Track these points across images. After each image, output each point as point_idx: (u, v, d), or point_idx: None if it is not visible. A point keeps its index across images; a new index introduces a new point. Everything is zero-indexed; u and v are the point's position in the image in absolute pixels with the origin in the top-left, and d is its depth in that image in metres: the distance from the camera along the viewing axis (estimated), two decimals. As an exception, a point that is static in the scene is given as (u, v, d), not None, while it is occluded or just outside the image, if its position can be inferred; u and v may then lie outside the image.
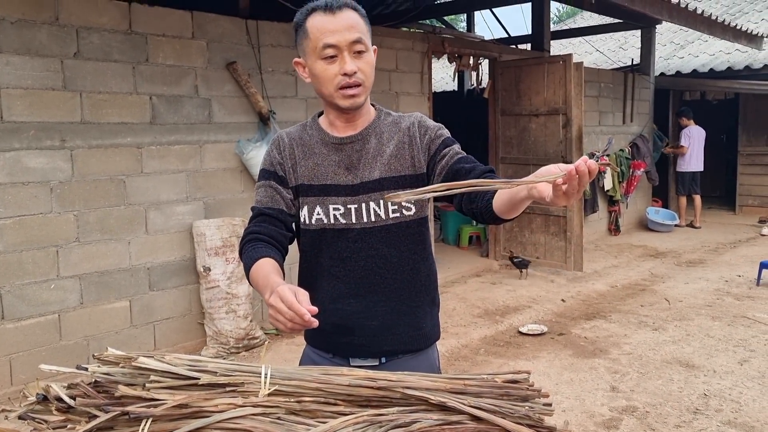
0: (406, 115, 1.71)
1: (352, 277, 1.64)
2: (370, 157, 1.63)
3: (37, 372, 3.92)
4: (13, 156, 3.84)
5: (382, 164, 1.63)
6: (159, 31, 4.42)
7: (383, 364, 1.67)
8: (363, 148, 1.64)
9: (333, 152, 1.64)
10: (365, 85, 1.56)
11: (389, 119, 1.69)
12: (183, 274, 4.65)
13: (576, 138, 6.70)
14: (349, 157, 1.64)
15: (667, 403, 3.73)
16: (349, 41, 1.51)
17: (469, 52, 7.22)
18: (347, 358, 1.69)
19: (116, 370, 1.17)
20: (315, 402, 1.16)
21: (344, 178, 1.62)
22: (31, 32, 3.86)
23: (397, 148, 1.64)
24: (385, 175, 1.62)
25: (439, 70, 13.28)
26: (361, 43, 1.53)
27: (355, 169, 1.63)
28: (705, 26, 7.86)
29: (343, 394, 1.17)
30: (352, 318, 1.65)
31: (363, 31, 1.54)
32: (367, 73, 1.56)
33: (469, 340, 4.95)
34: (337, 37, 1.50)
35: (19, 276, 3.91)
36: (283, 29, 5.14)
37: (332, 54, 1.52)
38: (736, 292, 6.12)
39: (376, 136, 1.65)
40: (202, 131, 4.69)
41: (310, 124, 1.70)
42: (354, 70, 1.52)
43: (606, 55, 12.28)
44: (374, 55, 1.62)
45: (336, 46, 1.51)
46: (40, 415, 1.18)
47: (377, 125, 1.66)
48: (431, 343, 1.76)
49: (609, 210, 9.20)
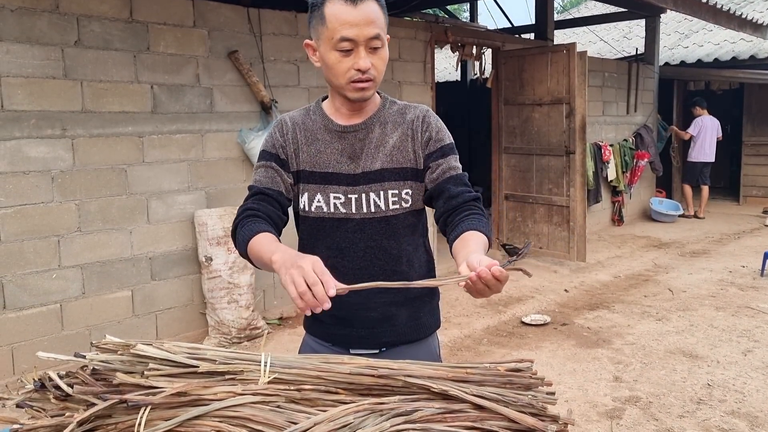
0: (413, 106, 1.68)
1: (350, 268, 1.62)
2: (372, 147, 1.61)
3: (39, 361, 3.92)
4: (14, 145, 3.82)
5: (384, 155, 1.60)
6: (160, 19, 4.39)
7: (383, 353, 1.67)
8: (366, 137, 1.61)
9: (336, 140, 1.61)
10: (376, 81, 1.54)
11: (394, 108, 1.66)
12: (185, 264, 4.64)
13: (579, 128, 6.66)
14: (351, 145, 1.61)
15: (671, 393, 3.72)
16: (368, 37, 1.46)
17: (472, 42, 7.17)
18: (347, 347, 1.68)
19: (114, 357, 1.16)
20: (315, 390, 1.15)
21: (346, 167, 1.60)
22: (32, 20, 3.84)
23: (401, 139, 1.62)
24: (387, 166, 1.60)
25: (442, 59, 13.22)
26: (379, 39, 1.48)
27: (357, 158, 1.60)
28: (710, 15, 7.80)
29: (344, 383, 1.15)
30: (350, 309, 1.63)
31: (382, 26, 1.49)
32: (380, 69, 1.53)
33: (472, 330, 4.94)
34: (355, 32, 1.45)
35: (21, 265, 3.91)
36: (285, 18, 5.11)
37: (348, 48, 1.47)
38: (740, 283, 6.09)
39: (380, 125, 1.62)
40: (203, 120, 4.67)
41: (314, 109, 1.67)
42: (368, 67, 1.48)
43: (610, 44, 12.21)
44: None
45: (354, 40, 1.46)
46: (38, 403, 1.17)
47: (382, 114, 1.64)
48: (430, 333, 1.76)
49: (612, 200, 9.17)
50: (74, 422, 1.07)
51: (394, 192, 1.60)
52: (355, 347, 1.67)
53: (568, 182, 6.81)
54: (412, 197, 1.63)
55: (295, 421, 1.08)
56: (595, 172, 8.37)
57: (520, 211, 7.43)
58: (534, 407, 1.14)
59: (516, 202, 7.46)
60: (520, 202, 7.39)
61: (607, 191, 8.98)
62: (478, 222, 1.51)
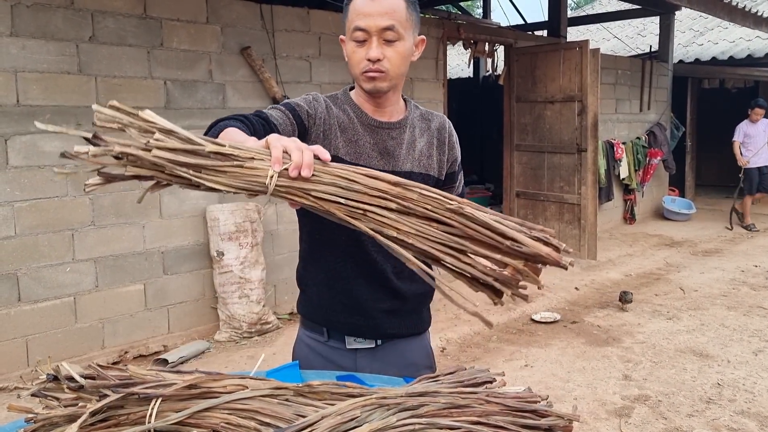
0: (434, 114, 1.72)
1: (366, 260, 1.63)
2: (404, 148, 1.62)
3: (53, 353, 3.97)
4: (29, 139, 3.87)
5: (413, 158, 1.63)
6: (173, 15, 4.42)
7: (379, 346, 1.69)
8: (399, 137, 1.62)
9: (368, 133, 1.61)
10: (390, 74, 1.52)
11: (417, 113, 1.69)
12: (196, 259, 4.68)
13: (591, 125, 6.64)
14: (384, 142, 1.61)
15: (680, 392, 3.71)
16: (380, 27, 1.47)
17: (484, 39, 7.16)
18: (343, 338, 1.68)
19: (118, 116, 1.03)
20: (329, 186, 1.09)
21: (377, 163, 1.60)
22: (47, 16, 3.88)
23: (427, 146, 1.66)
24: (416, 169, 1.62)
25: (455, 56, 13.20)
26: (393, 31, 1.48)
27: (390, 156, 1.61)
28: (725, 12, 7.74)
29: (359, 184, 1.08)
30: (360, 299, 1.65)
31: (399, 19, 1.48)
32: (395, 63, 1.51)
33: (482, 327, 4.94)
34: (367, 21, 1.46)
35: (36, 259, 3.95)
36: (297, 14, 5.12)
37: (362, 38, 1.49)
38: (753, 282, 6.06)
39: (410, 128, 1.65)
40: (216, 116, 4.67)
41: (343, 98, 1.64)
42: (377, 57, 1.48)
43: (624, 42, 12.13)
44: (420, 46, 1.59)
45: (365, 30, 1.47)
46: (53, 393, 1.19)
47: (411, 118, 1.66)
48: (428, 327, 1.80)
49: (624, 198, 9.13)
50: (87, 412, 1.10)
51: None
52: (355, 336, 1.68)
53: (580, 180, 6.79)
54: None
55: (304, 414, 1.10)
56: (607, 170, 8.33)
57: (531, 208, 7.41)
58: None
59: (527, 200, 7.45)
60: (532, 199, 7.38)
61: (619, 189, 8.94)
62: None
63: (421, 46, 1.61)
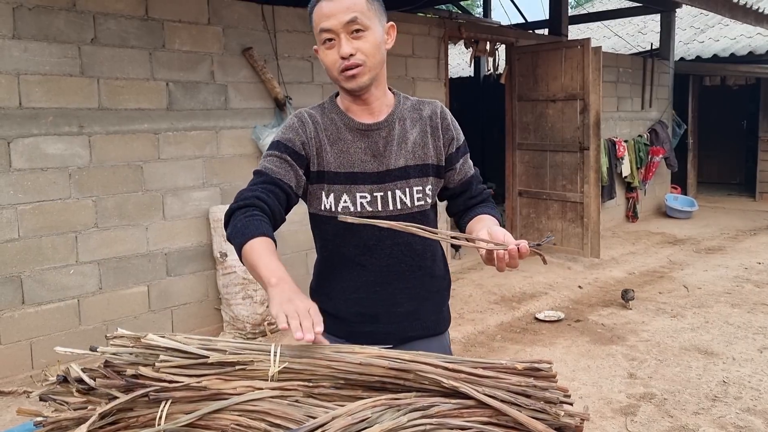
0: (426, 102, 1.70)
1: (377, 266, 1.63)
2: (395, 144, 1.61)
3: (57, 355, 3.97)
4: (32, 142, 3.87)
5: (407, 151, 1.62)
6: (175, 16, 4.42)
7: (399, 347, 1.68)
8: (389, 134, 1.62)
9: (359, 139, 1.61)
10: (367, 65, 1.51)
11: (408, 103, 1.68)
12: (200, 260, 4.68)
13: (593, 124, 6.63)
14: (375, 143, 1.61)
15: (686, 390, 3.70)
16: (343, 23, 1.47)
17: (485, 38, 7.15)
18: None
19: (125, 349, 1.17)
20: (329, 377, 1.15)
21: (370, 166, 1.60)
22: (49, 18, 3.88)
23: (420, 136, 1.64)
24: (410, 162, 1.62)
25: (456, 55, 13.18)
26: (357, 23, 1.48)
27: (381, 156, 1.61)
28: (726, 9, 7.72)
29: (355, 373, 1.16)
30: (377, 306, 1.64)
31: (361, 10, 1.49)
32: (369, 53, 1.51)
33: (486, 327, 4.94)
34: (331, 21, 1.48)
35: (39, 261, 3.95)
36: (298, 14, 5.12)
37: (329, 38, 1.50)
38: (756, 279, 6.05)
39: (399, 122, 1.64)
40: (218, 117, 4.69)
41: (329, 107, 1.65)
42: (349, 52, 1.49)
43: (625, 39, 12.11)
44: (392, 32, 1.59)
45: (331, 30, 1.49)
46: (61, 396, 1.19)
47: (399, 111, 1.65)
48: (448, 326, 1.80)
49: (627, 196, 9.11)
50: (96, 415, 1.09)
51: (419, 188, 1.63)
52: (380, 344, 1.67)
53: (582, 178, 6.78)
54: (432, 192, 1.67)
55: (314, 415, 1.09)
56: (609, 168, 8.32)
57: (533, 207, 7.41)
58: (547, 413, 1.13)
59: (530, 199, 7.44)
60: (534, 198, 7.37)
61: (622, 187, 8.93)
62: (494, 211, 1.68)
63: (392, 32, 1.60)
